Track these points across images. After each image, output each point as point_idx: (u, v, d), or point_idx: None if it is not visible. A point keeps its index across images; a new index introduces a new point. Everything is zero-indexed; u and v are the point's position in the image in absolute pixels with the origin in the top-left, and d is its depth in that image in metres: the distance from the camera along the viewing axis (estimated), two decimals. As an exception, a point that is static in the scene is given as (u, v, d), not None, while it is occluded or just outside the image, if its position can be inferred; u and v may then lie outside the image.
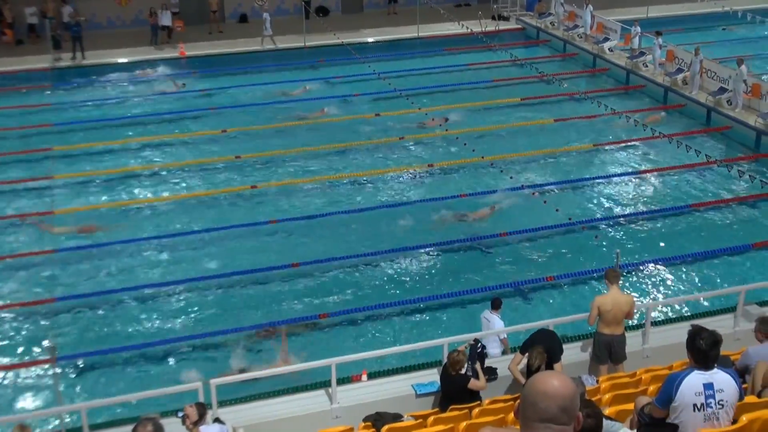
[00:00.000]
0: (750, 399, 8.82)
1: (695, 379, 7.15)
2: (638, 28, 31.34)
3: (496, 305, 13.90)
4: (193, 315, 16.88)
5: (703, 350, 7.16)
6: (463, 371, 11.56)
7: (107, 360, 15.43)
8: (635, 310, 12.75)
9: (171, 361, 15.42)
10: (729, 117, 25.94)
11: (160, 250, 19.36)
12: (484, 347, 12.20)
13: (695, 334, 7.28)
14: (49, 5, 34.77)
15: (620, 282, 12.85)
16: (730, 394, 7.20)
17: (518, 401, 3.77)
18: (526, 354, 11.68)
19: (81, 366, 15.28)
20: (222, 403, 12.12)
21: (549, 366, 11.38)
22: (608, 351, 12.55)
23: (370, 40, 35.81)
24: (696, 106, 27.37)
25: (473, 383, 11.54)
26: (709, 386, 7.12)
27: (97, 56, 33.37)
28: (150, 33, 34.68)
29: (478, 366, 11.78)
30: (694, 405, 7.10)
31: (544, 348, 11.44)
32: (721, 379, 7.23)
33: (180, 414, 10.35)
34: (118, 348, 15.70)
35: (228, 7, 38.65)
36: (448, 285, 17.55)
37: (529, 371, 11.31)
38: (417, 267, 18.45)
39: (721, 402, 7.14)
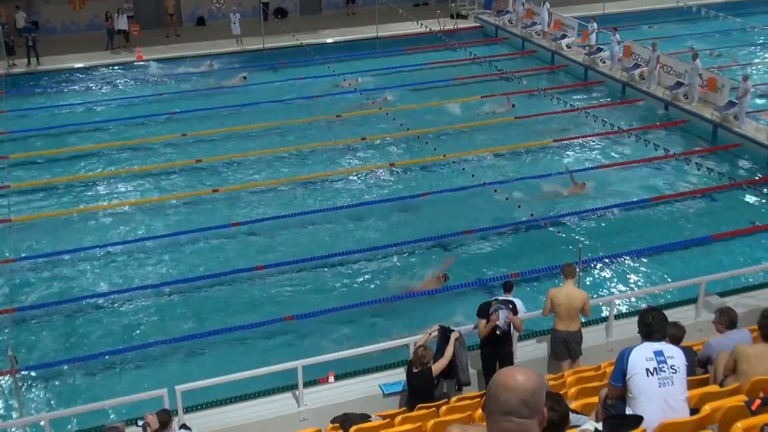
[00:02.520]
0: (712, 388, 8.94)
1: (644, 347, 7.54)
2: (595, 25, 31.60)
3: (509, 287, 13.56)
4: (157, 320, 16.73)
5: (648, 323, 7.71)
6: (430, 365, 11.63)
7: (70, 369, 15.22)
8: (590, 306, 12.80)
9: (137, 368, 15.27)
10: (686, 111, 26.27)
11: (120, 256, 19.16)
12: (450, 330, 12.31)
13: (645, 311, 7.99)
14: (2, 11, 34.26)
15: (576, 278, 12.94)
16: (681, 361, 7.49)
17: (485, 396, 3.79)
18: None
19: (44, 376, 15.06)
20: (188, 409, 12.04)
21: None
22: (566, 347, 12.66)
23: (330, 40, 35.78)
24: (653, 101, 27.68)
25: (436, 366, 11.61)
26: (659, 353, 7.46)
27: (53, 62, 32.98)
28: (106, 37, 34.35)
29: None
30: (647, 370, 7.35)
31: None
32: (670, 347, 7.66)
33: (140, 422, 10.25)
34: (82, 357, 15.51)
35: (185, 11, 38.37)
36: (411, 285, 17.55)
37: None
38: (382, 267, 18.45)
39: (673, 367, 7.39)
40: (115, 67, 33.02)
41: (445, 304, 16.83)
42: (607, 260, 18.23)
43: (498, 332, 12.02)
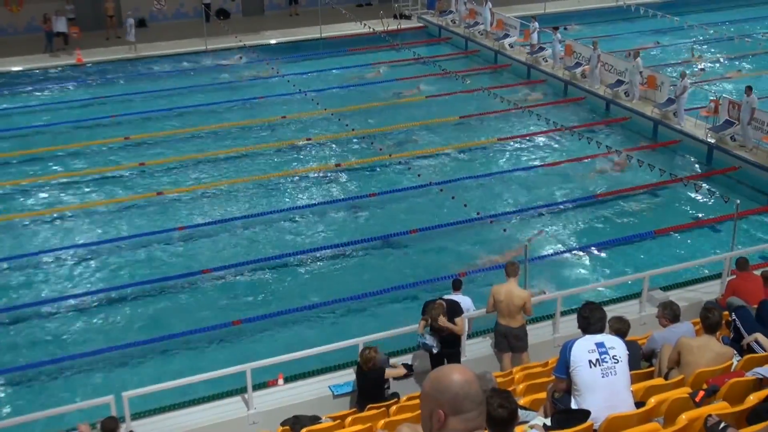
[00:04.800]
0: (657, 381, 9.09)
1: (586, 340, 7.72)
2: (536, 24, 31.93)
3: (458, 286, 13.71)
4: (102, 327, 16.46)
5: (586, 316, 7.95)
6: (379, 365, 11.67)
7: (11, 378, 14.93)
8: (532, 305, 12.87)
9: (83, 376, 14.99)
10: (627, 108, 26.68)
11: (61, 262, 18.81)
12: None
13: (582, 306, 8.22)
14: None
15: (518, 276, 13.03)
16: (622, 351, 7.67)
17: (437, 411, 3.76)
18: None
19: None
20: (135, 416, 11.89)
21: (450, 321, 12.26)
22: (506, 341, 12.82)
23: (273, 41, 35.58)
24: (595, 99, 28.05)
25: (389, 372, 11.65)
26: (600, 344, 7.64)
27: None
28: (44, 40, 33.70)
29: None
30: (590, 361, 7.51)
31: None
32: (611, 338, 7.88)
33: None
34: (23, 366, 15.20)
35: (125, 12, 37.75)
36: (360, 285, 17.52)
37: (432, 328, 12.25)
38: (327, 268, 18.41)
39: (615, 357, 7.56)
40: (54, 70, 32.41)
41: (391, 305, 16.86)
42: (552, 257, 18.43)
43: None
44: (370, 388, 11.63)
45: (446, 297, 13.07)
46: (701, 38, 34.87)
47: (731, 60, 32.67)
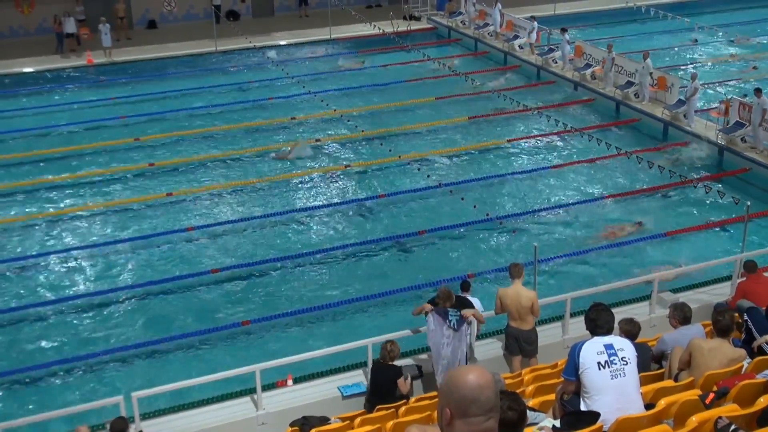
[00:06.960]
0: (667, 383, 9.07)
1: (595, 342, 7.73)
2: (535, 24, 31.90)
3: (466, 287, 13.62)
4: (112, 328, 16.49)
5: (593, 318, 7.96)
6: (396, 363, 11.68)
7: (22, 379, 14.96)
8: (539, 306, 12.79)
9: (93, 376, 15.02)
10: (637, 109, 26.61)
11: (71, 263, 18.87)
12: None
13: (590, 308, 8.19)
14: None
15: (523, 277, 12.97)
16: (631, 353, 7.68)
17: (445, 409, 3.76)
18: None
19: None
20: (145, 416, 11.91)
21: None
22: (517, 343, 12.77)
23: (283, 42, 35.61)
24: (605, 100, 27.97)
25: (402, 382, 11.60)
26: (609, 346, 7.66)
27: (1, 66, 32.36)
28: (56, 41, 33.81)
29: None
30: (599, 363, 7.52)
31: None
32: (620, 340, 7.90)
33: None
34: (34, 366, 15.23)
35: (136, 14, 37.91)
36: (369, 286, 17.53)
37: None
38: (337, 269, 18.42)
39: (624, 359, 7.56)
40: (65, 72, 32.49)
41: (402, 304, 16.84)
42: (562, 259, 18.38)
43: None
44: (386, 386, 11.58)
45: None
46: (711, 38, 34.81)
47: (740, 61, 32.55)
